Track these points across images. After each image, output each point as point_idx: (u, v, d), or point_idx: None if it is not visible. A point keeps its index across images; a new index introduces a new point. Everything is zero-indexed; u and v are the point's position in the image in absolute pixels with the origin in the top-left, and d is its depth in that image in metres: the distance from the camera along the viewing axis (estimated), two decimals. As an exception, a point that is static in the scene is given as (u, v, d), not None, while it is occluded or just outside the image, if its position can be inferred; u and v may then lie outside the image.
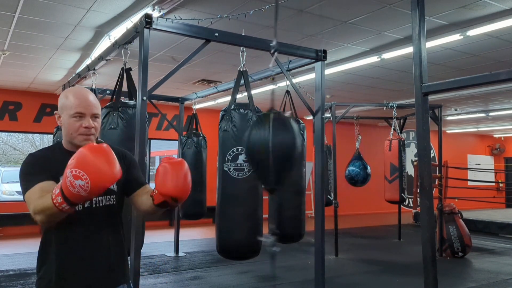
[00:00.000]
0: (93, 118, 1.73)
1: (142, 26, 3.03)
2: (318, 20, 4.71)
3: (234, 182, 3.13)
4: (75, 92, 1.76)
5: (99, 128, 1.77)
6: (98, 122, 1.77)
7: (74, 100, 1.71)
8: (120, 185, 1.79)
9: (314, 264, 3.63)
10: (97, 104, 1.76)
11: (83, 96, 1.73)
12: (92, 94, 1.78)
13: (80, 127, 1.70)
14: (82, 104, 1.70)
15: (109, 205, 1.76)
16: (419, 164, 2.33)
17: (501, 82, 2.05)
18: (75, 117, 1.70)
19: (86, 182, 1.42)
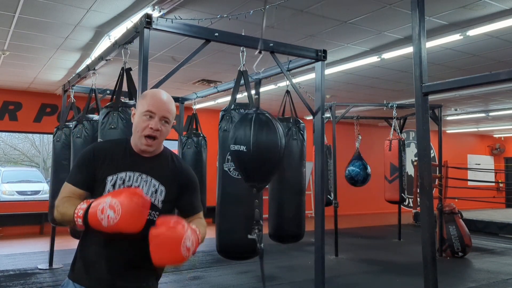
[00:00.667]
0: (162, 121, 1.70)
1: (142, 26, 3.03)
2: (318, 20, 4.71)
3: (234, 182, 3.13)
4: (154, 92, 1.76)
5: (165, 134, 1.73)
6: (167, 128, 1.73)
7: (149, 99, 1.70)
8: (166, 204, 1.76)
9: (314, 264, 3.63)
10: (171, 109, 1.73)
11: (159, 97, 1.72)
12: (170, 99, 1.76)
13: (146, 128, 1.68)
14: (155, 104, 1.69)
15: (150, 220, 1.66)
16: (419, 164, 2.33)
17: (501, 82, 2.05)
18: (145, 115, 1.69)
19: (116, 216, 1.48)
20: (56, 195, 5.62)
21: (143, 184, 1.71)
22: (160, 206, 1.74)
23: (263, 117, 2.80)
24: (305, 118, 9.18)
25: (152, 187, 1.73)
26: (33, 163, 22.08)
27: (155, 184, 1.73)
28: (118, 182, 1.70)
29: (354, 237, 8.78)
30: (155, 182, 1.73)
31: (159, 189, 1.74)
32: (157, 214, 1.73)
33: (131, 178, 1.71)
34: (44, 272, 5.54)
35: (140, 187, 1.71)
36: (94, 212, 1.50)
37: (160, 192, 1.74)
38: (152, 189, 1.73)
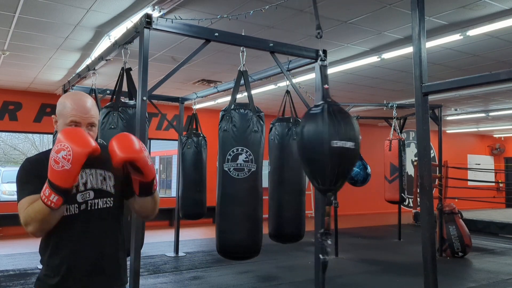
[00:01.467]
0: (88, 127, 1.70)
1: (142, 26, 3.03)
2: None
3: (234, 182, 3.13)
4: (72, 99, 1.72)
5: (94, 137, 1.73)
6: (94, 131, 1.73)
7: (71, 108, 1.68)
8: (118, 187, 1.77)
9: (314, 264, 3.63)
10: (94, 112, 1.72)
11: (79, 104, 1.69)
12: (90, 100, 1.75)
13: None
14: (78, 114, 1.67)
15: (106, 208, 1.73)
16: (419, 164, 2.33)
17: (501, 82, 2.06)
18: (70, 125, 1.67)
19: (68, 150, 1.47)
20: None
21: (90, 177, 1.71)
22: (112, 191, 1.75)
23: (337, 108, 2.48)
24: (305, 118, 9.15)
25: (99, 176, 1.74)
26: (33, 163, 22.05)
27: (100, 173, 1.74)
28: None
29: (354, 237, 8.78)
30: (100, 171, 1.74)
31: (106, 175, 1.75)
32: (112, 200, 1.74)
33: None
34: (44, 272, 5.53)
35: (87, 182, 1.70)
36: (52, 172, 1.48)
37: (109, 178, 1.76)
38: (100, 178, 1.74)
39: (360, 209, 12.77)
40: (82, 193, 1.69)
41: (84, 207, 1.68)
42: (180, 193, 6.30)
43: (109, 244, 1.74)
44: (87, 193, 1.70)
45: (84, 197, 1.69)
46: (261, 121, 3.28)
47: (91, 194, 1.70)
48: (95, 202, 1.71)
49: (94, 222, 1.70)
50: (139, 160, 1.58)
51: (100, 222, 1.71)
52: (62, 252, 1.69)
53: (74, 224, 1.66)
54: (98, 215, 1.71)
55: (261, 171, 3.26)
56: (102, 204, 1.72)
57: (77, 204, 1.68)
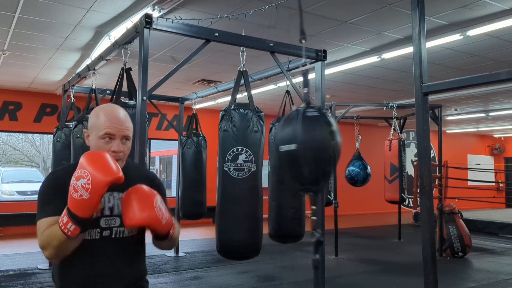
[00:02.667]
0: (123, 140, 1.61)
1: (142, 26, 3.03)
2: (318, 20, 4.71)
3: (234, 182, 3.13)
4: (106, 110, 1.63)
5: (128, 152, 1.65)
6: (128, 145, 1.64)
7: (105, 120, 1.59)
8: None
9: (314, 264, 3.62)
10: (129, 125, 1.64)
11: (114, 116, 1.60)
12: (125, 112, 1.66)
13: (109, 152, 1.57)
14: (112, 125, 1.58)
15: (131, 236, 1.63)
16: (419, 164, 2.33)
17: (501, 82, 2.05)
18: (103, 138, 1.58)
19: (87, 178, 1.39)
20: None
21: (117, 203, 1.61)
22: None
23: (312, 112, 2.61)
24: (305, 118, 9.15)
25: None
26: (33, 163, 22.10)
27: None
28: None
29: (354, 237, 8.78)
30: None
31: None
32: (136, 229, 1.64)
33: (102, 200, 1.56)
34: (44, 272, 5.53)
35: (114, 207, 1.61)
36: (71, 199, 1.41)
37: None
38: None
39: (360, 209, 12.77)
40: (107, 218, 1.59)
41: (108, 234, 1.58)
42: (180, 193, 6.30)
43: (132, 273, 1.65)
44: (113, 219, 1.60)
45: (108, 223, 1.59)
46: (261, 121, 3.28)
47: (117, 221, 1.60)
48: (121, 230, 1.61)
49: (117, 250, 1.60)
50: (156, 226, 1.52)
51: (123, 250, 1.62)
52: (77, 277, 1.58)
53: (94, 250, 1.56)
54: (123, 243, 1.61)
55: (261, 171, 3.26)
56: (127, 233, 1.62)
57: (99, 229, 1.57)
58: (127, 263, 1.63)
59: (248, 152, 3.14)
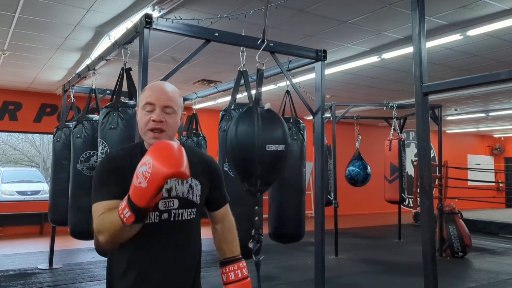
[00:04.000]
0: (164, 111, 1.54)
1: (142, 26, 3.03)
2: (318, 20, 4.71)
3: (234, 182, 3.13)
4: (153, 84, 1.62)
5: (174, 124, 1.58)
6: (174, 118, 1.57)
7: (148, 91, 1.57)
8: (203, 197, 1.64)
9: (314, 264, 3.62)
10: (172, 97, 1.57)
11: (157, 87, 1.58)
12: (172, 88, 1.62)
13: (149, 121, 1.53)
14: (153, 95, 1.55)
15: (190, 219, 1.59)
16: (419, 164, 2.33)
17: (501, 82, 2.05)
18: (145, 109, 1.55)
19: (148, 167, 1.32)
20: (56, 194, 5.60)
21: (175, 184, 1.56)
22: (198, 201, 1.60)
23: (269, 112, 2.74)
24: (305, 118, 9.18)
25: (186, 183, 1.58)
26: (33, 163, 22.09)
27: (188, 180, 1.57)
28: None
29: (354, 237, 8.78)
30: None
31: (193, 183, 1.60)
32: (195, 211, 1.60)
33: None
34: (44, 272, 5.53)
35: (172, 188, 1.55)
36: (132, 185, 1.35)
37: (196, 187, 1.60)
38: (186, 186, 1.58)
39: (360, 209, 12.77)
40: (165, 201, 1.54)
41: (167, 217, 1.54)
42: (180, 193, 6.29)
43: (190, 258, 1.62)
44: (171, 201, 1.55)
45: (167, 205, 1.54)
46: (261, 121, 3.28)
47: (176, 203, 1.55)
48: (180, 213, 1.56)
49: (176, 233, 1.56)
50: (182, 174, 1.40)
51: (183, 234, 1.58)
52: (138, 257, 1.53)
53: (153, 234, 1.52)
54: (182, 227, 1.57)
55: (261, 171, 3.25)
56: (186, 215, 1.57)
57: (158, 212, 1.53)
58: (184, 249, 1.58)
59: (248, 152, 3.13)
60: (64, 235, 6.04)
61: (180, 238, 1.57)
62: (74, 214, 4.14)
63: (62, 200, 4.66)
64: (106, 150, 3.37)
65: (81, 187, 4.07)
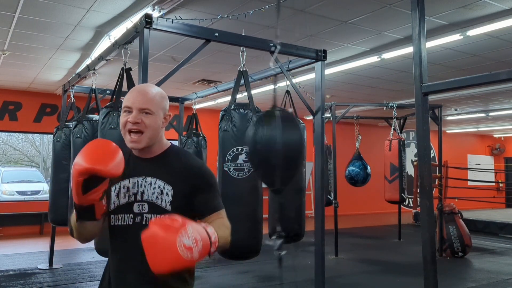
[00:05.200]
0: (142, 113, 1.54)
1: (142, 26, 3.03)
2: (318, 20, 4.70)
3: (234, 182, 3.13)
4: (133, 88, 1.65)
5: (152, 125, 1.56)
6: (152, 119, 1.56)
7: (127, 95, 1.59)
8: (177, 204, 1.57)
9: (314, 264, 3.63)
10: (149, 99, 1.56)
11: (135, 90, 1.60)
12: (150, 90, 1.61)
13: (126, 123, 1.55)
14: (131, 98, 1.56)
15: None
16: (419, 164, 2.33)
17: (501, 82, 2.05)
18: (124, 111, 1.57)
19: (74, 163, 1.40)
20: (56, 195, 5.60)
21: (148, 188, 1.57)
22: (168, 208, 1.56)
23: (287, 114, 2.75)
24: (305, 118, 9.18)
25: (158, 188, 1.57)
26: (33, 163, 22.08)
27: (160, 184, 1.57)
28: (122, 190, 1.59)
29: (354, 237, 8.78)
30: (160, 182, 1.57)
31: (165, 189, 1.57)
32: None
33: (136, 184, 1.58)
34: (44, 272, 5.54)
35: (144, 192, 1.57)
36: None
37: (166, 193, 1.57)
38: (157, 191, 1.57)
39: (360, 209, 12.77)
40: (139, 203, 1.57)
41: (139, 220, 1.55)
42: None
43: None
44: (143, 205, 1.56)
45: (140, 209, 1.56)
46: (261, 121, 3.28)
47: (146, 207, 1.56)
48: (149, 217, 1.55)
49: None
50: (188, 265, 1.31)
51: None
52: (115, 259, 1.61)
53: (127, 236, 1.55)
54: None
55: (261, 171, 3.25)
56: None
57: (133, 215, 1.56)
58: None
59: (248, 152, 3.14)
60: (64, 235, 6.04)
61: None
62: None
63: (62, 200, 4.66)
64: (106, 150, 3.37)
65: (81, 187, 4.07)
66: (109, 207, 1.58)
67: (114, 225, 1.58)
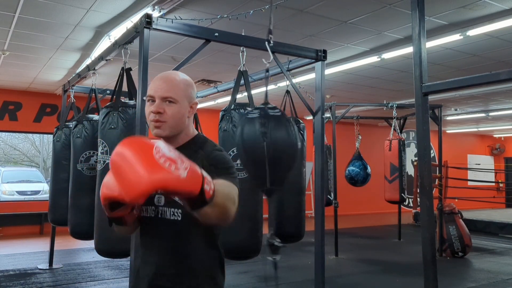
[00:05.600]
0: (165, 102, 1.49)
1: (142, 26, 3.03)
2: (318, 20, 4.70)
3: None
4: (157, 76, 1.57)
5: (176, 115, 1.49)
6: (174, 108, 1.49)
7: (151, 83, 1.54)
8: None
9: (314, 264, 3.62)
10: (171, 88, 1.50)
11: (158, 79, 1.54)
12: (174, 78, 1.54)
13: (150, 114, 1.50)
14: (153, 86, 1.51)
15: (173, 220, 1.49)
16: (419, 164, 2.33)
17: (501, 82, 2.05)
18: (148, 101, 1.53)
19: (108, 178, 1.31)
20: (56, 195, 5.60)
21: None
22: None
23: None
24: (305, 118, 9.18)
25: None
26: (33, 163, 22.08)
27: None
28: None
29: (354, 237, 8.78)
30: None
31: None
32: (180, 213, 1.48)
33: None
34: (44, 272, 5.54)
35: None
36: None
37: None
38: None
39: (360, 209, 12.77)
40: (158, 196, 1.52)
41: (157, 213, 1.52)
42: (180, 193, 6.28)
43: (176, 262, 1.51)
44: (160, 197, 1.52)
45: (158, 201, 1.52)
46: (261, 121, 3.27)
47: (162, 200, 1.51)
48: (164, 211, 1.51)
49: (162, 232, 1.51)
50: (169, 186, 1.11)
51: (168, 234, 1.51)
52: (141, 251, 1.61)
53: (148, 227, 1.55)
54: (166, 226, 1.50)
55: (261, 171, 3.25)
56: (170, 215, 1.50)
57: (154, 207, 1.53)
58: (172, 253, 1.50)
59: (248, 152, 3.13)
60: (64, 235, 6.04)
61: (165, 237, 1.51)
62: (74, 214, 4.14)
63: (62, 200, 4.65)
64: (106, 150, 3.37)
65: (81, 187, 4.07)
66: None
67: (142, 216, 1.55)
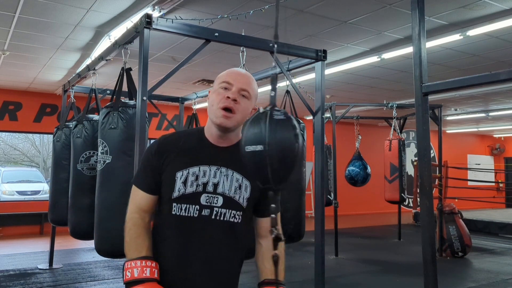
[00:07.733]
0: (240, 93, 1.46)
1: (142, 26, 3.03)
2: (318, 20, 4.70)
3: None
4: (232, 68, 1.57)
5: (245, 110, 1.47)
6: (246, 104, 1.47)
7: (227, 73, 1.51)
8: (251, 202, 1.48)
9: (314, 264, 3.62)
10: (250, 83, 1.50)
11: (236, 71, 1.53)
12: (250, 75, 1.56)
13: (223, 98, 1.45)
14: (232, 76, 1.48)
15: (233, 222, 1.45)
16: (419, 164, 2.33)
17: (501, 82, 2.05)
18: (221, 87, 1.47)
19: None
20: (56, 195, 5.59)
21: (224, 180, 1.44)
22: (244, 205, 1.46)
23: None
24: (305, 118, 9.18)
25: (235, 181, 1.45)
26: (33, 163, 22.08)
27: (238, 178, 1.45)
28: (190, 178, 1.43)
29: (354, 237, 8.77)
30: (238, 176, 1.45)
31: (243, 184, 1.46)
32: (240, 215, 1.46)
33: (207, 173, 1.43)
34: (44, 272, 5.53)
35: (220, 184, 1.44)
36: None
37: (245, 188, 1.46)
38: (235, 185, 1.45)
39: (360, 209, 12.77)
40: (209, 195, 1.44)
41: (207, 213, 1.43)
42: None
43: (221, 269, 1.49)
44: (216, 198, 1.44)
45: (210, 201, 1.43)
46: (261, 121, 3.27)
47: (220, 200, 1.44)
48: (222, 212, 1.44)
49: (217, 233, 1.44)
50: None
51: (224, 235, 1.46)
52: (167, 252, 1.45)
53: (189, 228, 1.43)
54: (223, 227, 1.44)
55: (261, 171, 3.25)
56: (229, 217, 1.45)
57: (199, 207, 1.43)
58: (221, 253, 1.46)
59: (248, 152, 3.13)
60: (64, 235, 6.04)
61: (220, 238, 1.45)
62: (74, 214, 4.13)
63: (62, 200, 4.65)
64: (106, 150, 3.37)
65: (81, 187, 4.07)
66: (173, 194, 1.43)
67: (176, 214, 1.44)
